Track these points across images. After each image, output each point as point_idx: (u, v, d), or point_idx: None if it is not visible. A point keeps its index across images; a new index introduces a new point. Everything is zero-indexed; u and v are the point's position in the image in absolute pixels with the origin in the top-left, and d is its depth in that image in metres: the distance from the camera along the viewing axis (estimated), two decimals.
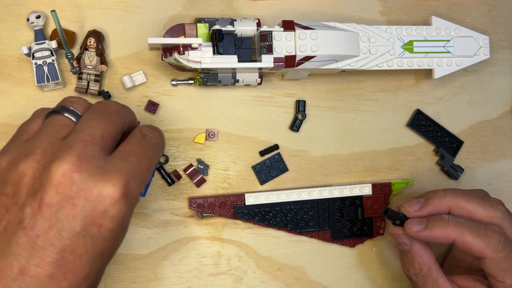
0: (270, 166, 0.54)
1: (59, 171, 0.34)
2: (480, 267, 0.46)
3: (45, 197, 0.34)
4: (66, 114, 0.40)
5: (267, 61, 0.49)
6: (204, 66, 0.48)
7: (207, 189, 0.53)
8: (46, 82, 0.50)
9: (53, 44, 0.50)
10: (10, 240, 0.34)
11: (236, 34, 0.50)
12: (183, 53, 0.48)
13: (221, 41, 0.48)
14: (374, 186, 0.54)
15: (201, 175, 0.53)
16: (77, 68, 0.50)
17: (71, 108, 0.40)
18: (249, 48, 0.51)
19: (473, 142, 0.58)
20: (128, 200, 0.36)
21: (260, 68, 0.50)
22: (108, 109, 0.40)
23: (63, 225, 0.34)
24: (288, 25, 0.49)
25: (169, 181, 0.52)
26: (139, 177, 0.38)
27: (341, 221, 0.54)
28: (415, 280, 0.48)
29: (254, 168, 0.54)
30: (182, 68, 0.51)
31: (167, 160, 0.52)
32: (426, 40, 0.53)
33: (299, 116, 0.54)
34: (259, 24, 0.51)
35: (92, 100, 0.52)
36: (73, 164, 0.35)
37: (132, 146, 0.39)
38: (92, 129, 0.37)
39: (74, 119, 0.40)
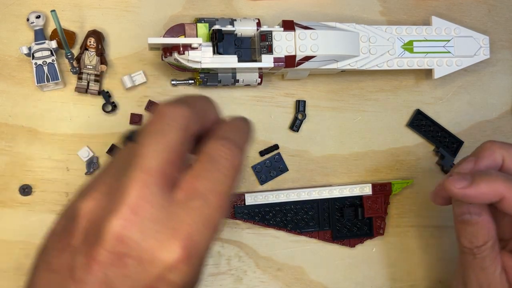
0: (270, 166, 0.54)
1: (110, 227, 0.29)
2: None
3: (96, 252, 0.29)
4: (132, 140, 0.33)
5: (267, 61, 0.49)
6: (204, 66, 0.48)
7: None
8: (46, 82, 0.50)
9: (53, 44, 0.50)
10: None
11: (236, 34, 0.50)
12: (183, 53, 0.48)
13: (221, 41, 0.48)
14: (374, 186, 0.54)
15: None
16: (77, 68, 0.50)
17: (134, 130, 0.34)
18: (249, 48, 0.51)
19: (473, 142, 0.58)
20: (190, 261, 0.29)
21: (260, 68, 0.50)
22: (165, 121, 0.32)
23: (114, 285, 0.29)
24: (288, 25, 0.49)
25: None
26: (207, 226, 0.30)
27: (341, 221, 0.54)
28: (475, 253, 0.42)
29: (254, 168, 0.54)
30: (182, 68, 0.51)
31: None
32: (426, 40, 0.53)
33: (299, 116, 0.54)
34: (259, 24, 0.51)
35: (92, 100, 0.52)
36: (124, 219, 0.29)
37: (196, 181, 0.31)
38: (147, 160, 0.30)
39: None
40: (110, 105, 0.51)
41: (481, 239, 0.42)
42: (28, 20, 0.50)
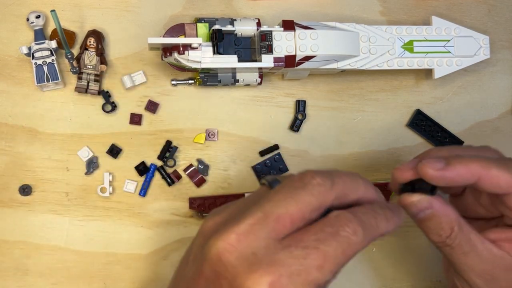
0: (270, 166, 0.54)
1: (215, 247, 0.33)
2: (496, 214, 0.43)
3: (203, 267, 0.34)
4: (271, 186, 0.36)
5: (267, 61, 0.49)
6: (204, 66, 0.48)
7: (207, 189, 0.53)
8: (46, 82, 0.50)
9: (53, 44, 0.50)
10: None
11: (236, 34, 0.50)
12: (183, 53, 0.48)
13: (221, 41, 0.48)
14: None
15: (201, 175, 0.53)
16: (77, 68, 0.50)
17: (279, 180, 0.37)
18: (249, 48, 0.51)
19: (473, 142, 0.58)
20: None
21: (260, 68, 0.50)
22: (306, 186, 0.34)
23: None
24: (288, 25, 0.49)
25: (169, 181, 0.52)
26: (299, 277, 0.31)
27: None
28: (449, 244, 0.41)
29: (254, 168, 0.54)
30: (182, 68, 0.51)
31: (174, 164, 0.52)
32: (426, 40, 0.53)
33: (299, 116, 0.54)
34: (259, 24, 0.51)
35: (92, 100, 0.52)
36: (228, 243, 0.33)
37: (308, 235, 0.33)
38: (270, 206, 0.33)
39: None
40: (110, 105, 0.51)
41: (446, 228, 0.40)
42: (28, 20, 0.50)
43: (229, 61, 0.49)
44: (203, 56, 0.48)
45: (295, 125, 0.54)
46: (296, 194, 0.34)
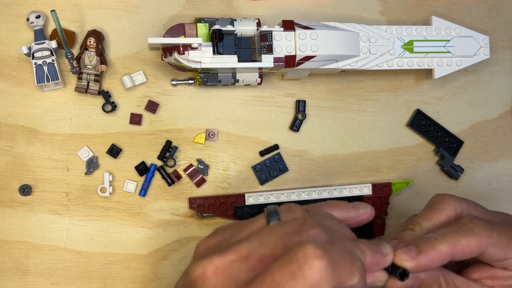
0: (270, 166, 0.54)
1: (194, 271, 0.35)
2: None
3: (183, 286, 0.37)
4: (267, 219, 0.37)
5: (267, 61, 0.49)
6: (204, 66, 0.48)
7: (207, 189, 0.53)
8: (46, 82, 0.50)
9: (53, 44, 0.50)
10: None
11: (236, 34, 0.50)
12: (183, 53, 0.48)
13: (221, 41, 0.48)
14: (374, 186, 0.54)
15: (201, 175, 0.53)
16: (77, 68, 0.50)
17: (279, 214, 0.37)
18: (249, 48, 0.51)
19: (473, 142, 0.58)
20: None
21: (260, 68, 0.50)
22: (299, 230, 0.35)
23: None
24: (288, 25, 0.49)
25: (169, 181, 0.52)
26: None
27: None
28: None
29: (254, 168, 0.54)
30: (182, 68, 0.51)
31: (174, 164, 0.52)
32: (426, 40, 0.53)
33: (299, 116, 0.54)
34: (259, 24, 0.51)
35: (92, 100, 0.52)
36: (204, 272, 0.34)
37: (278, 273, 0.32)
38: (257, 245, 0.34)
39: (269, 224, 0.37)
40: (110, 105, 0.51)
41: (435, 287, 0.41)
42: (28, 20, 0.50)
43: (229, 61, 0.49)
44: (203, 56, 0.48)
45: (295, 125, 0.54)
46: (288, 240, 0.34)
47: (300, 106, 0.54)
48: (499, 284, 0.42)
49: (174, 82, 0.53)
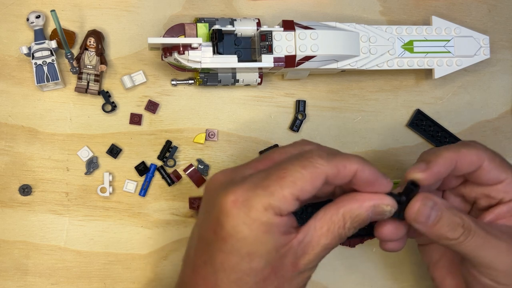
0: None
1: (209, 180, 0.41)
2: (472, 199, 0.45)
3: (203, 198, 0.41)
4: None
5: (267, 61, 0.49)
6: (204, 66, 0.48)
7: None
8: (45, 82, 0.50)
9: (53, 44, 0.50)
10: None
11: (236, 34, 0.50)
12: (183, 53, 0.48)
13: (221, 41, 0.48)
14: None
15: (201, 175, 0.53)
16: (77, 68, 0.50)
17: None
18: (249, 48, 0.51)
19: None
20: None
21: (260, 68, 0.50)
22: (292, 143, 0.41)
23: None
24: (288, 25, 0.49)
25: (169, 181, 0.52)
26: (258, 191, 0.37)
27: None
28: (470, 233, 0.40)
29: None
30: (182, 68, 0.51)
31: (174, 164, 0.52)
32: (426, 40, 0.53)
33: (299, 116, 0.54)
34: (259, 24, 0.51)
35: (92, 100, 0.52)
36: (216, 177, 0.40)
37: (273, 164, 0.39)
38: (259, 156, 0.43)
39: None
40: (110, 105, 0.51)
41: (458, 219, 0.40)
42: (28, 20, 0.50)
43: (229, 61, 0.49)
44: (203, 56, 0.48)
45: (295, 125, 0.54)
46: (284, 148, 0.40)
47: (300, 106, 0.54)
48: (504, 224, 0.43)
49: (174, 82, 0.53)
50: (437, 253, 0.47)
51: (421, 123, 0.56)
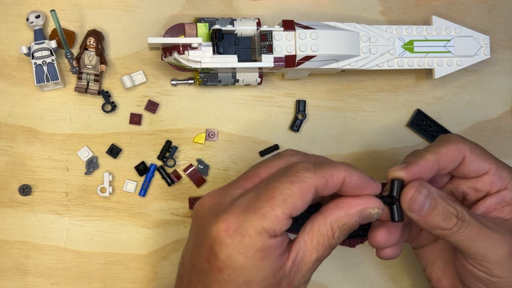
0: None
1: (197, 204, 0.40)
2: (460, 193, 0.45)
3: (192, 225, 0.41)
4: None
5: (267, 61, 0.49)
6: (204, 66, 0.48)
7: (207, 189, 0.53)
8: (45, 82, 0.50)
9: (53, 43, 0.50)
10: None
11: (236, 34, 0.50)
12: (183, 53, 0.48)
13: (221, 40, 0.48)
14: None
15: (201, 175, 0.53)
16: (77, 68, 0.50)
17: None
18: (249, 48, 0.51)
19: None
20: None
21: (260, 68, 0.50)
22: (278, 155, 0.40)
23: None
24: (288, 25, 0.49)
25: (169, 181, 0.52)
26: (250, 216, 0.36)
27: None
28: (463, 222, 0.40)
29: None
30: (182, 68, 0.51)
31: (174, 164, 0.52)
32: (427, 40, 0.53)
33: (299, 116, 0.54)
34: (259, 24, 0.51)
35: (92, 100, 0.52)
36: (202, 200, 0.39)
37: (261, 181, 0.39)
38: (246, 172, 0.40)
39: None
40: (109, 105, 0.51)
41: (452, 209, 0.40)
42: (27, 20, 0.50)
43: (229, 61, 0.49)
44: (203, 56, 0.48)
45: (295, 125, 0.54)
46: (269, 161, 0.39)
47: (300, 106, 0.54)
48: (496, 216, 0.43)
49: (174, 82, 0.52)
50: (432, 255, 0.47)
51: (421, 123, 0.56)
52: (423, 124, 0.56)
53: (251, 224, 0.35)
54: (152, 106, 0.52)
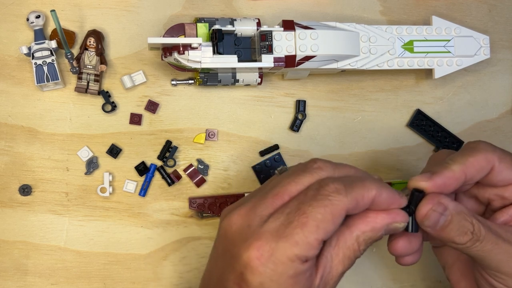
0: (270, 166, 0.54)
1: (221, 223, 0.38)
2: (485, 200, 0.44)
3: (216, 243, 0.40)
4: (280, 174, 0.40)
5: (267, 61, 0.49)
6: (204, 66, 0.48)
7: (207, 189, 0.53)
8: (45, 82, 0.50)
9: (53, 44, 0.50)
10: None
11: (236, 34, 0.50)
12: (183, 53, 0.48)
13: (221, 41, 0.48)
14: None
15: (201, 175, 0.53)
16: (77, 68, 0.50)
17: (287, 168, 0.41)
18: (249, 48, 0.51)
19: None
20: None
21: (260, 68, 0.50)
22: (304, 167, 0.38)
23: None
24: (288, 25, 0.49)
25: (169, 181, 0.52)
26: (282, 243, 0.35)
27: None
28: (478, 238, 0.39)
29: (254, 168, 0.54)
30: (182, 68, 0.51)
31: (174, 164, 0.52)
32: (427, 40, 0.53)
33: (299, 116, 0.54)
34: (259, 24, 0.51)
35: (92, 100, 0.52)
36: (230, 219, 0.38)
37: (293, 201, 0.37)
38: (271, 186, 0.38)
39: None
40: (110, 105, 0.51)
41: (468, 224, 0.39)
42: (28, 20, 0.50)
43: (229, 61, 0.49)
44: (203, 56, 0.48)
45: (295, 125, 0.54)
46: (296, 176, 0.38)
47: (300, 106, 0.54)
48: None
49: (174, 82, 0.52)
50: (451, 257, 0.46)
51: (421, 123, 0.56)
52: (423, 124, 0.56)
53: (283, 251, 0.35)
54: (152, 106, 0.52)
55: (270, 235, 0.35)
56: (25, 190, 0.51)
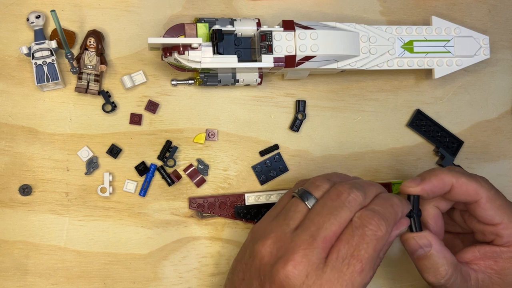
0: (270, 166, 0.54)
1: (280, 272, 0.39)
2: (468, 231, 0.48)
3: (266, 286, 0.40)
4: (305, 202, 0.42)
5: (267, 61, 0.49)
6: (204, 66, 0.48)
7: (207, 189, 0.53)
8: (46, 82, 0.50)
9: (53, 44, 0.50)
10: None
11: (236, 34, 0.50)
12: (183, 53, 0.48)
13: (221, 41, 0.48)
14: None
15: (201, 175, 0.53)
16: (77, 68, 0.50)
17: (312, 194, 0.42)
18: (249, 48, 0.51)
19: (473, 142, 0.58)
20: None
21: (260, 68, 0.50)
22: (340, 202, 0.40)
23: None
24: (288, 25, 0.49)
25: (169, 181, 0.52)
26: (345, 286, 0.38)
27: None
28: (444, 284, 0.44)
29: (254, 168, 0.54)
30: (182, 68, 0.51)
31: (174, 164, 0.52)
32: (426, 40, 0.53)
33: (299, 116, 0.54)
34: (259, 24, 0.51)
35: (92, 100, 0.52)
36: (287, 270, 0.38)
37: (342, 244, 0.39)
38: (315, 229, 0.39)
39: (310, 206, 0.42)
40: (110, 105, 0.51)
41: (442, 270, 0.43)
42: (28, 20, 0.50)
43: (229, 61, 0.49)
44: (203, 56, 0.48)
45: (295, 125, 0.54)
46: (337, 214, 0.40)
47: (300, 106, 0.54)
48: (489, 266, 0.45)
49: (174, 82, 0.53)
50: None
51: (421, 123, 0.56)
52: (423, 124, 0.56)
53: None
54: (152, 106, 0.52)
55: (332, 285, 0.38)
56: (25, 190, 0.51)
